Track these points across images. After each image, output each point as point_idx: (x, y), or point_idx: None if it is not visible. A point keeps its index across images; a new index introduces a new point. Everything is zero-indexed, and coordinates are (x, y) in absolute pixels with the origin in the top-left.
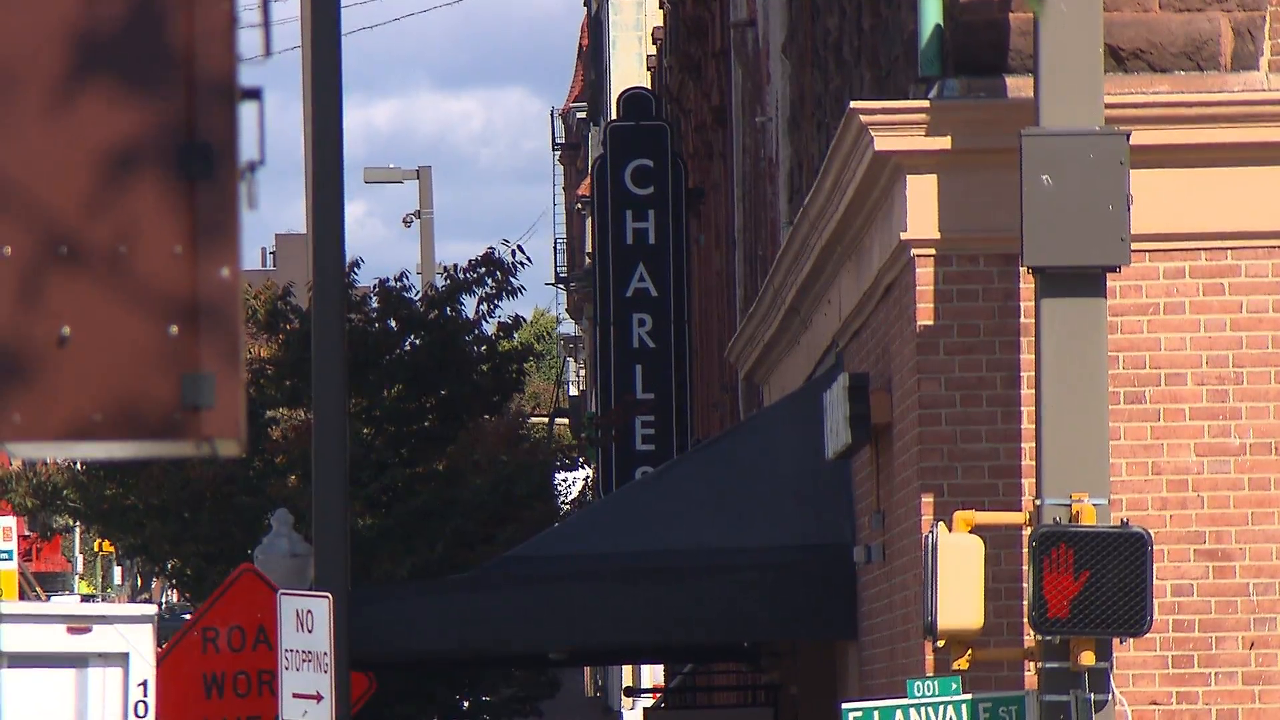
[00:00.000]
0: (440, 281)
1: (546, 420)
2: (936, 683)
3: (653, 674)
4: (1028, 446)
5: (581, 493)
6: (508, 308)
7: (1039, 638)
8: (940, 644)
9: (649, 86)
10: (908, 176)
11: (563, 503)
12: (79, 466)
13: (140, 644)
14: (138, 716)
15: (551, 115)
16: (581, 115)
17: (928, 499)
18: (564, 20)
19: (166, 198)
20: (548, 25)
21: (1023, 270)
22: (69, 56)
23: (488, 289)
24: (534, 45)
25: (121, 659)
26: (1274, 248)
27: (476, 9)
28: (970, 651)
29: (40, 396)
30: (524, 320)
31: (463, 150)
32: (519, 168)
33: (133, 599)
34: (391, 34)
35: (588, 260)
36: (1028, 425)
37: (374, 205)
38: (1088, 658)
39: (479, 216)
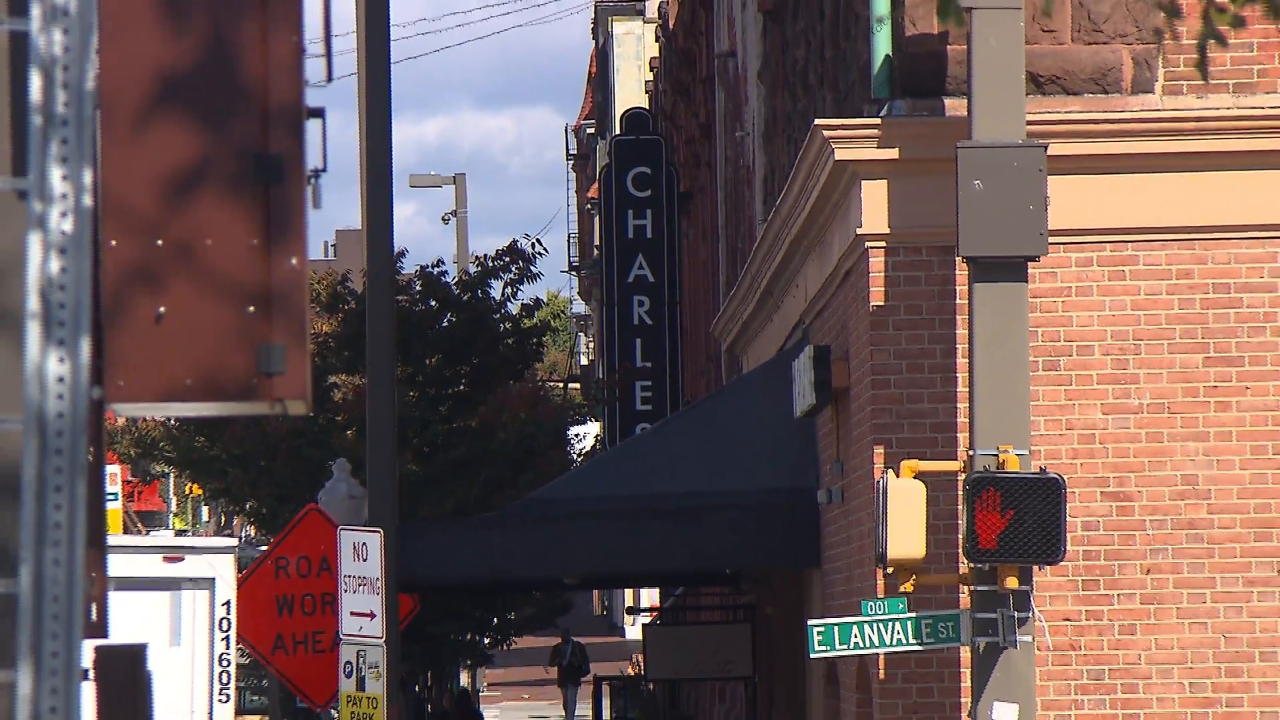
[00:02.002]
0: (472, 269)
1: (562, 385)
2: (886, 603)
3: (650, 596)
4: (963, 406)
5: (591, 446)
6: (528, 291)
7: (972, 565)
8: (889, 571)
9: (647, 107)
10: (862, 181)
11: (575, 454)
12: (173, 423)
13: (224, 571)
14: (222, 631)
15: (566, 131)
16: (591, 131)
17: (879, 450)
18: (582, 51)
19: (244, 200)
20: (569, 55)
21: (958, 259)
22: (160, 86)
23: (511, 275)
24: (557, 71)
25: (209, 583)
26: (1167, 240)
27: (510, 42)
28: (914, 577)
29: (140, 364)
30: (542, 301)
31: (496, 159)
32: (542, 174)
33: (217, 534)
34: (440, 62)
35: (596, 251)
36: (963, 389)
37: (421, 206)
38: (1012, 582)
39: (508, 214)
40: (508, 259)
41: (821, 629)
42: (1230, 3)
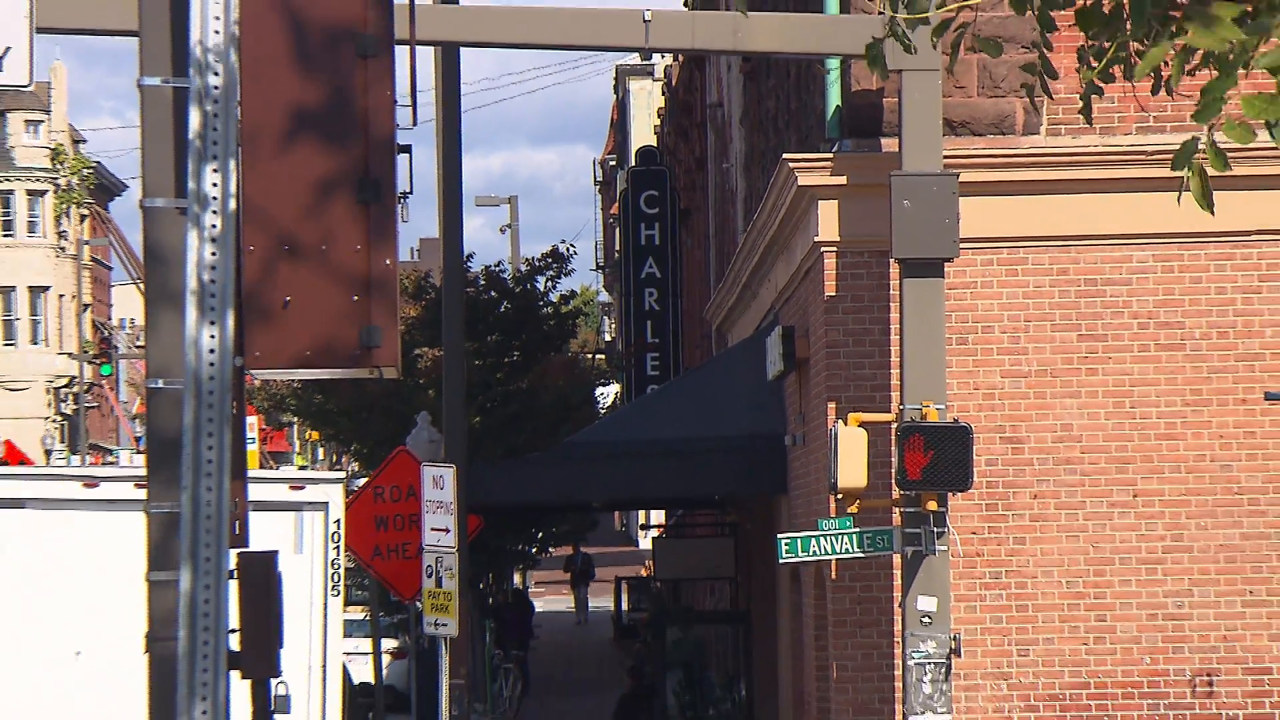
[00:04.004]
0: (523, 268)
1: (591, 357)
2: (837, 521)
3: (658, 516)
4: (895, 372)
5: (612, 402)
6: (565, 284)
7: (902, 492)
8: (839, 497)
9: (655, 145)
10: (819, 201)
11: (601, 408)
12: (297, 384)
13: (335, 497)
14: (333, 543)
15: (594, 163)
16: (613, 163)
17: (831, 405)
18: (607, 102)
19: (351, 214)
20: (598, 105)
21: (892, 261)
22: (292, 120)
23: (552, 272)
24: (589, 118)
25: (323, 506)
26: (1049, 246)
27: (554, 96)
28: (858, 501)
29: (273, 340)
30: (576, 292)
31: (544, 183)
32: (577, 195)
33: (330, 469)
34: (501, 110)
35: (616, 254)
36: (895, 359)
37: (485, 220)
38: (932, 505)
39: (551, 226)
40: (550, 260)
41: (787, 541)
42: (1098, 63)
